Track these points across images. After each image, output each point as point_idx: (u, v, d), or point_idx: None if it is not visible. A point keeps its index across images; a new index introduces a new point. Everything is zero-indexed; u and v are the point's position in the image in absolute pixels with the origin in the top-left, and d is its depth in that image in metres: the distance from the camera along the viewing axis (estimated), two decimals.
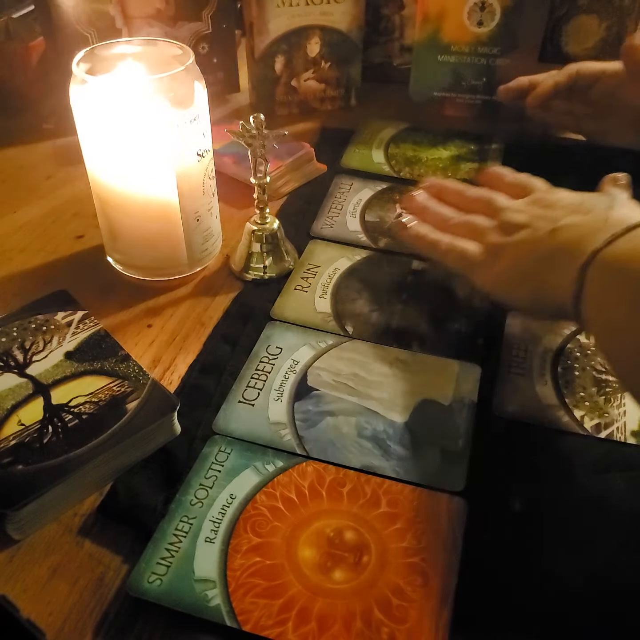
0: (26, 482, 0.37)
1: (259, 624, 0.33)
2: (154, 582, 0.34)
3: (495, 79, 0.74)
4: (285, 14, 0.71)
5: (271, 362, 0.47)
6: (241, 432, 0.42)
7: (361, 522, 0.37)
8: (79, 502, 0.39)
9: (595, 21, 0.73)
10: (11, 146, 0.72)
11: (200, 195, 0.51)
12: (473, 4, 0.70)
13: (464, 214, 0.50)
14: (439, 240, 0.49)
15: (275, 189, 0.64)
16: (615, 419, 0.43)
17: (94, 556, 0.36)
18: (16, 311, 0.48)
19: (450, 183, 0.54)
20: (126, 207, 0.50)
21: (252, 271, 0.55)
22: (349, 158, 0.70)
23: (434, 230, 0.50)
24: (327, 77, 0.77)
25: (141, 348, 0.49)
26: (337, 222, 0.61)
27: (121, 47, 0.49)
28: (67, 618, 0.34)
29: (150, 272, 0.54)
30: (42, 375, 0.43)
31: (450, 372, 0.47)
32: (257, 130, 0.48)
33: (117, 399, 0.41)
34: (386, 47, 0.83)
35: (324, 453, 0.41)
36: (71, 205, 0.63)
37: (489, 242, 0.46)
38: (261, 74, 0.75)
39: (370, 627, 0.33)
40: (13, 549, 0.37)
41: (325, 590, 0.34)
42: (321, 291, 0.53)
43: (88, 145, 0.49)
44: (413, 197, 0.53)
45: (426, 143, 0.72)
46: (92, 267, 0.56)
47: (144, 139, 0.47)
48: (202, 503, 0.38)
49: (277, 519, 0.38)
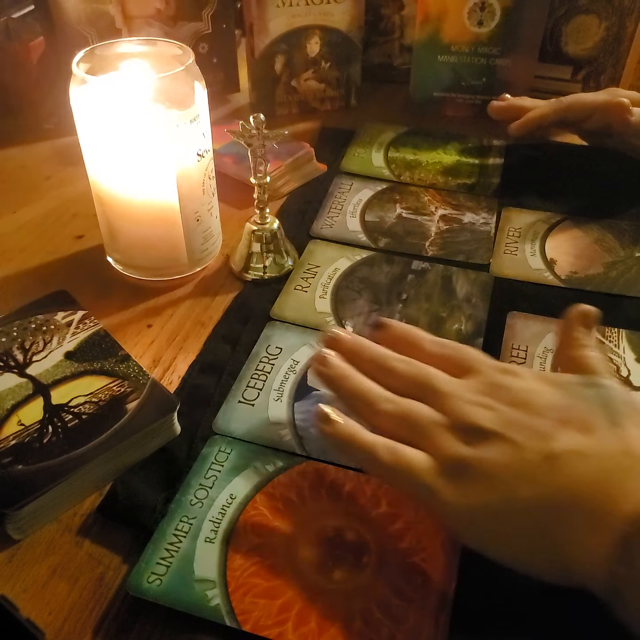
0: (26, 482, 0.37)
1: (258, 624, 0.33)
2: (154, 582, 0.34)
3: (495, 79, 0.74)
4: (285, 14, 0.71)
5: (271, 362, 0.47)
6: (241, 432, 0.42)
7: (361, 522, 0.37)
8: (79, 502, 0.39)
9: (595, 21, 0.73)
10: (11, 146, 0.72)
11: (200, 195, 0.51)
12: (473, 4, 0.70)
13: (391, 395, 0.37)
14: (374, 444, 0.35)
15: (275, 189, 0.64)
16: None
17: (94, 556, 0.36)
18: (16, 311, 0.48)
19: (363, 344, 0.40)
20: (126, 207, 0.50)
21: (252, 271, 0.55)
22: (349, 161, 0.70)
23: (362, 428, 0.36)
24: (327, 77, 0.77)
25: (141, 348, 0.49)
26: (337, 222, 0.61)
27: (121, 47, 0.49)
28: (66, 618, 0.34)
29: (150, 272, 0.54)
30: (42, 375, 0.43)
31: None
32: (257, 130, 0.48)
33: (117, 399, 0.41)
34: (386, 47, 0.83)
35: (323, 453, 0.41)
36: (71, 205, 0.63)
37: (443, 452, 0.33)
38: (261, 74, 0.75)
39: (370, 627, 0.33)
40: (13, 549, 0.37)
41: (325, 590, 0.34)
42: (321, 291, 0.53)
43: (88, 146, 0.49)
44: (326, 360, 0.39)
45: (426, 146, 0.72)
46: (92, 267, 0.56)
47: (144, 139, 0.47)
48: (202, 503, 0.38)
49: (277, 519, 0.38)
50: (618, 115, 0.61)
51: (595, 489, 0.29)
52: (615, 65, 0.75)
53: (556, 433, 0.32)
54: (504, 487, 0.31)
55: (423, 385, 0.36)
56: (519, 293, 0.54)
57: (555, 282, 0.55)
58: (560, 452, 0.31)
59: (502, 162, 0.69)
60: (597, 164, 0.68)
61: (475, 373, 0.37)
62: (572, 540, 0.29)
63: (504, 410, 0.34)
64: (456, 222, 0.61)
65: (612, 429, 0.32)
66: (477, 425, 0.33)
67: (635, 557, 0.27)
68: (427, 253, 0.58)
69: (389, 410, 0.36)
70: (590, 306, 0.39)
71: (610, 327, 0.50)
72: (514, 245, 0.58)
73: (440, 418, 0.35)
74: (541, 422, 0.33)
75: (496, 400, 0.34)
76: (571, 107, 0.65)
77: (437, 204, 0.63)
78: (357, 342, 0.40)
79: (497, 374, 0.36)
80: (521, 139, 0.69)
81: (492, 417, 0.33)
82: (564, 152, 0.71)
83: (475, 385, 0.36)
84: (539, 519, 0.30)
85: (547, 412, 0.33)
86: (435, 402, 0.35)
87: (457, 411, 0.34)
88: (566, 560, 0.30)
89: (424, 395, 0.36)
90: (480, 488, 0.32)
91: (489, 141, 0.72)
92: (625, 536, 0.27)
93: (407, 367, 0.38)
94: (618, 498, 0.29)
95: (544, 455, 0.31)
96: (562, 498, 0.30)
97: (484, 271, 0.56)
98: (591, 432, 0.32)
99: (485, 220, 0.61)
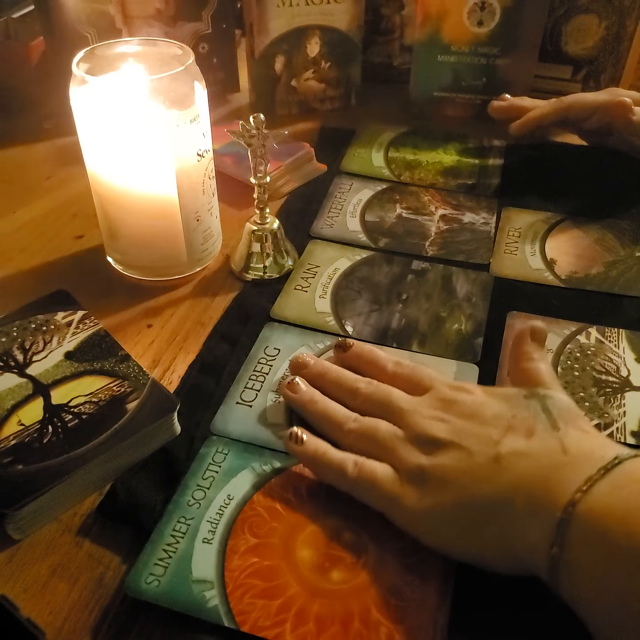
0: (26, 482, 0.37)
1: (257, 625, 0.33)
2: (152, 583, 0.34)
3: (495, 78, 0.74)
4: (285, 14, 0.71)
5: (269, 363, 0.47)
6: (239, 433, 0.42)
7: (359, 523, 0.37)
8: (79, 502, 0.39)
9: (595, 21, 0.73)
10: (11, 146, 0.72)
11: (200, 195, 0.51)
12: (473, 4, 0.70)
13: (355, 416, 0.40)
14: (342, 460, 0.38)
15: (275, 189, 0.64)
16: (615, 420, 0.43)
17: (94, 556, 0.37)
18: (16, 311, 0.48)
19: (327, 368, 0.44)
20: (126, 206, 0.51)
21: (252, 271, 0.55)
22: (349, 161, 0.70)
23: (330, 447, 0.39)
24: (327, 77, 0.77)
25: (141, 348, 0.49)
26: (337, 222, 0.61)
27: (121, 47, 0.49)
28: (66, 617, 0.34)
29: (150, 272, 0.54)
30: (42, 375, 0.43)
31: (449, 372, 0.47)
32: (257, 130, 0.48)
33: (117, 399, 0.42)
34: (386, 47, 0.83)
35: None
36: (71, 205, 0.63)
37: (404, 463, 0.36)
38: (261, 74, 0.75)
39: (369, 627, 0.33)
40: (13, 549, 0.37)
41: (324, 590, 0.35)
42: (321, 291, 0.53)
43: (88, 145, 0.49)
44: (295, 386, 0.43)
45: (426, 146, 0.72)
46: (92, 267, 0.56)
47: (144, 138, 0.47)
48: (200, 504, 0.38)
49: (275, 520, 0.38)
50: (620, 114, 0.61)
51: (536, 484, 0.33)
52: (616, 64, 0.75)
53: (502, 438, 0.35)
54: (458, 488, 0.34)
55: (384, 404, 0.40)
56: (519, 293, 0.54)
57: (555, 282, 0.55)
58: (505, 453, 0.34)
59: (502, 162, 0.69)
60: (597, 164, 0.68)
61: (431, 390, 0.40)
62: (517, 530, 0.32)
63: (456, 422, 0.37)
64: (456, 222, 0.61)
65: (551, 431, 0.35)
66: (432, 437, 0.37)
67: (567, 539, 0.30)
68: (427, 253, 0.58)
69: (354, 430, 0.40)
70: (541, 324, 0.42)
71: (610, 327, 0.50)
72: (514, 245, 0.58)
73: (400, 433, 0.38)
74: (489, 429, 0.36)
75: (449, 413, 0.38)
76: (571, 107, 0.65)
77: (437, 204, 0.63)
78: (322, 367, 0.44)
79: (450, 391, 0.40)
80: (521, 138, 0.69)
81: (446, 428, 0.37)
82: (564, 152, 0.71)
83: (431, 402, 0.39)
84: (488, 515, 0.33)
85: (494, 421, 0.36)
86: (396, 418, 0.39)
87: (414, 425, 0.38)
88: (513, 551, 0.33)
89: (386, 413, 0.40)
90: (437, 492, 0.35)
91: (489, 141, 0.72)
92: (559, 522, 0.30)
93: (368, 387, 0.42)
94: (555, 490, 0.32)
95: (491, 457, 0.35)
96: (508, 493, 0.33)
97: (484, 271, 0.56)
98: (533, 436, 0.35)
99: (485, 220, 0.61)
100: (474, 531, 0.34)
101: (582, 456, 0.33)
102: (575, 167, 0.68)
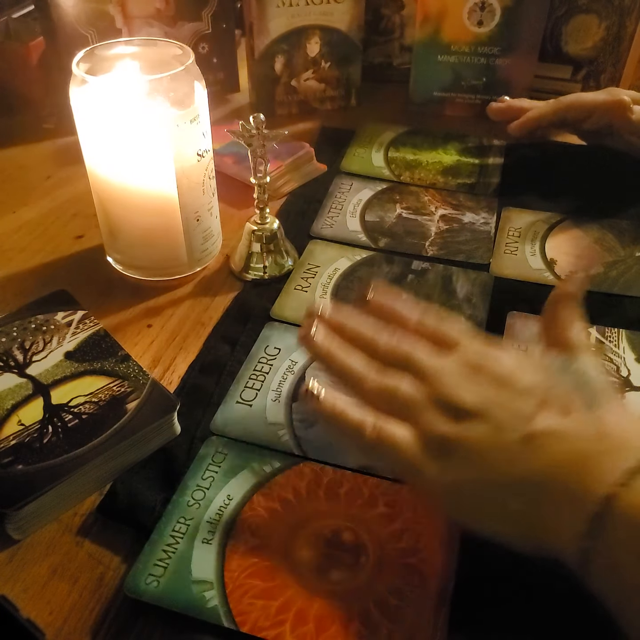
0: (26, 482, 0.37)
1: (256, 625, 0.33)
2: (151, 584, 0.34)
3: (495, 78, 0.74)
4: (285, 14, 0.71)
5: (269, 362, 0.47)
6: (238, 433, 0.42)
7: (358, 523, 0.37)
8: (79, 502, 0.39)
9: (595, 21, 0.73)
10: (11, 146, 0.72)
11: (200, 195, 0.51)
12: (473, 4, 0.70)
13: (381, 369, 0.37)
14: (361, 421, 0.35)
15: (275, 189, 0.64)
16: None
17: (94, 556, 0.37)
18: (16, 311, 0.48)
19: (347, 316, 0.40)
20: (126, 206, 0.51)
21: (252, 271, 0.55)
22: (349, 162, 0.70)
23: (352, 403, 0.36)
24: (327, 77, 0.77)
25: (141, 348, 0.49)
26: (337, 222, 0.61)
27: (121, 47, 0.49)
28: (66, 618, 0.34)
29: (150, 272, 0.54)
30: (42, 375, 0.43)
31: None
32: (257, 130, 0.48)
33: (117, 399, 0.42)
34: (386, 47, 0.83)
35: (321, 454, 0.41)
36: (71, 205, 0.63)
37: (427, 430, 0.34)
38: (261, 74, 0.75)
39: (368, 628, 0.33)
40: (13, 549, 0.37)
41: (323, 591, 0.35)
42: (321, 291, 0.53)
43: (88, 145, 0.49)
44: (310, 339, 0.39)
45: (426, 146, 0.72)
46: (92, 267, 0.56)
47: (144, 139, 0.47)
48: (199, 504, 0.38)
49: (275, 520, 0.38)
50: (619, 114, 0.61)
51: (570, 470, 0.31)
52: (616, 64, 0.75)
53: (536, 414, 0.33)
54: (484, 465, 0.32)
55: (407, 361, 0.37)
56: (519, 293, 0.54)
57: (556, 282, 0.55)
58: (538, 433, 0.32)
59: (502, 162, 0.69)
60: (597, 164, 0.68)
61: (458, 347, 0.37)
62: (548, 515, 0.31)
63: (486, 389, 0.34)
64: (456, 222, 0.61)
65: (588, 412, 0.33)
66: (459, 402, 0.34)
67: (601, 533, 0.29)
68: (427, 253, 0.58)
69: (374, 388, 0.36)
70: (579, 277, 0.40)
71: (610, 327, 0.50)
72: (514, 245, 0.58)
73: (423, 393, 0.35)
74: (522, 402, 0.33)
75: (478, 377, 0.35)
76: (571, 107, 0.65)
77: (437, 204, 0.63)
78: (342, 317, 0.40)
79: (480, 350, 0.37)
80: (521, 138, 0.69)
81: (475, 396, 0.34)
82: (564, 152, 0.71)
83: (459, 362, 0.36)
84: (515, 496, 0.32)
85: (528, 393, 0.34)
86: (419, 377, 0.36)
87: (440, 388, 0.35)
88: (540, 534, 0.31)
89: (408, 370, 0.36)
90: (461, 466, 0.33)
91: (489, 141, 0.72)
92: (595, 515, 0.29)
93: (389, 343, 0.38)
94: (591, 480, 0.30)
95: (523, 435, 0.32)
96: (538, 477, 0.31)
97: (484, 271, 0.56)
98: (569, 415, 0.33)
99: (485, 220, 0.61)
100: (500, 509, 0.32)
101: (620, 444, 0.31)
102: (575, 167, 0.68)
